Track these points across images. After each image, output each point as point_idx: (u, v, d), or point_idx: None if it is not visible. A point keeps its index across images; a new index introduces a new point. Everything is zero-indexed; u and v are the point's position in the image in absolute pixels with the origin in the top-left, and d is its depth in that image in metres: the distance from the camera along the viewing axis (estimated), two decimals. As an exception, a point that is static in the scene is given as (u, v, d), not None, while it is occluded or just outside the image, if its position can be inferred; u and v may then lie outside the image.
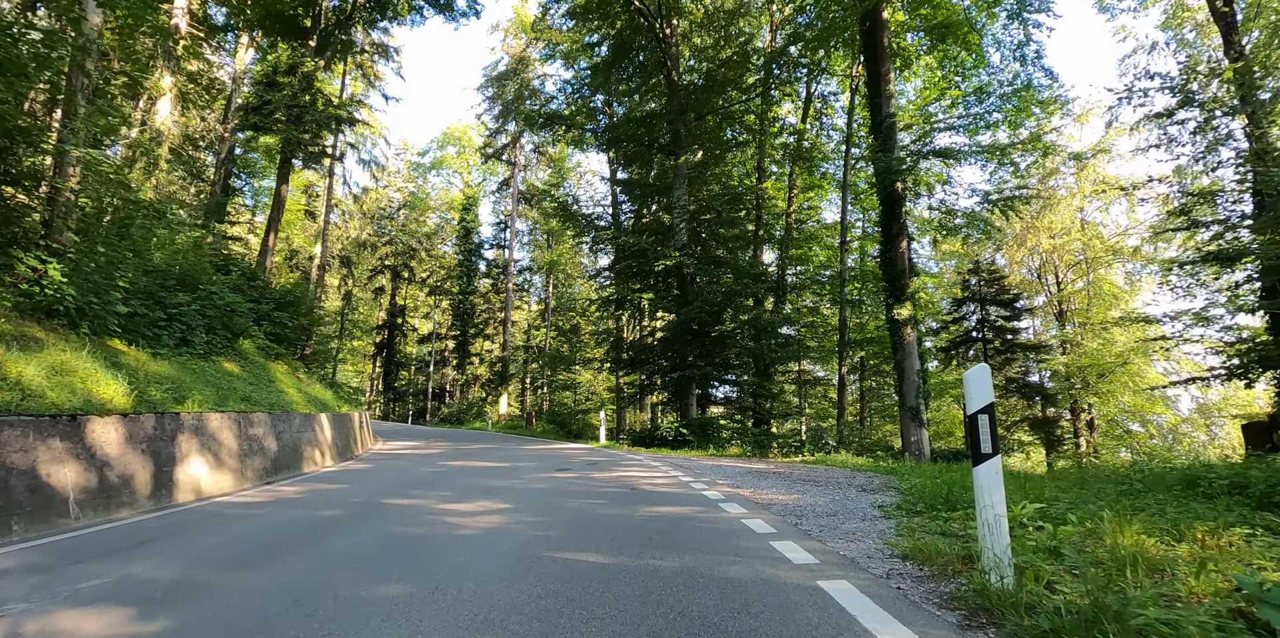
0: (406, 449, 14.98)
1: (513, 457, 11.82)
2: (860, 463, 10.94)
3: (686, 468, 9.21)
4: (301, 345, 20.15)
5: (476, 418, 36.48)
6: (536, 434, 25.95)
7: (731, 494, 6.14)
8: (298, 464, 9.37)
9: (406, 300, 54.38)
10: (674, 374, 17.49)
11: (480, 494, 6.32)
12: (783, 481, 7.52)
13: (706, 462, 10.76)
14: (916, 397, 14.71)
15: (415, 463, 10.81)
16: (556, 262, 42.31)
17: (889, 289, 15.37)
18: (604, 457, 11.89)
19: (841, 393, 19.02)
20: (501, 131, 40.28)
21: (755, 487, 6.79)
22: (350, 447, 12.99)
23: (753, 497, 6.01)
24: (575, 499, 5.81)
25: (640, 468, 9.16)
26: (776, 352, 18.29)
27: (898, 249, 15.38)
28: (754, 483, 7.15)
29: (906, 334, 14.98)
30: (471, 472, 8.89)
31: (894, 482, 7.31)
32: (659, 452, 15.20)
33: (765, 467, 10.00)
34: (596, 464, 9.88)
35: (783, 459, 13.51)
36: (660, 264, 16.75)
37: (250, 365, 12.65)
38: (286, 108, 16.77)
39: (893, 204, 15.62)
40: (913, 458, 14.35)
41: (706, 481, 7.42)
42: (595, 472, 8.47)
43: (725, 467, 9.54)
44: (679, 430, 17.15)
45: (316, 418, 10.83)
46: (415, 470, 9.29)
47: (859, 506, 5.46)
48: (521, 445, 16.33)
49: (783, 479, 7.68)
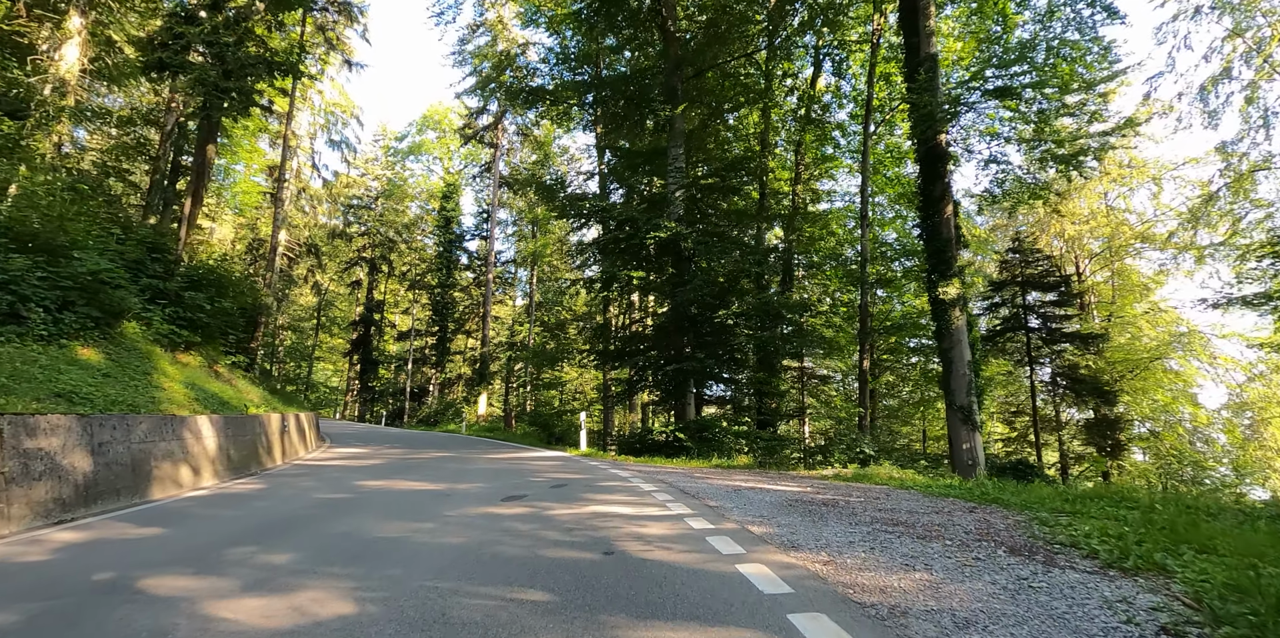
0: (343, 458, 12.16)
1: (460, 473, 9.00)
2: (923, 482, 8.19)
3: (692, 494, 6.42)
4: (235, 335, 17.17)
5: (454, 420, 33.54)
6: (514, 437, 23.08)
7: (797, 575, 3.28)
8: (137, 488, 6.52)
9: (386, 295, 51.29)
10: (669, 368, 14.71)
11: (340, 561, 3.53)
12: (852, 524, 4.74)
13: (717, 481, 7.98)
14: (968, 393, 12.01)
15: (327, 482, 8.01)
16: (542, 253, 39.41)
17: (931, 263, 12.67)
18: (579, 473, 9.08)
19: (864, 390, 16.33)
20: (484, 111, 37.42)
21: (821, 545, 3.97)
22: (258, 458, 10.13)
23: (838, 579, 3.20)
24: (495, 591, 3.01)
25: (626, 496, 6.36)
26: (791, 341, 15.54)
27: (942, 215, 12.67)
28: (811, 533, 4.35)
29: (954, 317, 12.27)
30: (379, 502, 6.08)
31: (1034, 525, 4.54)
32: (651, 462, 12.41)
33: (800, 489, 7.23)
34: (565, 487, 7.06)
35: (806, 472, 10.76)
36: (653, 236, 13.96)
37: (126, 354, 9.75)
38: (206, 44, 13.87)
39: (935, 162, 12.92)
40: (959, 472, 11.66)
41: (733, 526, 4.61)
42: (558, 505, 5.66)
43: (747, 491, 6.75)
44: (675, 435, 14.37)
45: (189, 422, 7.98)
46: (306, 498, 6.48)
47: (1080, 614, 2.66)
48: (485, 453, 13.50)
49: (849, 520, 4.91)
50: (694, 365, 14.36)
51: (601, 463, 11.27)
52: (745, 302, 14.87)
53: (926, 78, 12.27)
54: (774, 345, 15.20)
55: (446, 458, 12.06)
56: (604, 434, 22.99)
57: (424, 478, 8.25)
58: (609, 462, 11.85)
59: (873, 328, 17.52)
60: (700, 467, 11.32)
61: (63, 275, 9.00)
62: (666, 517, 4.96)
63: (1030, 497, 6.17)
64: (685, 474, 8.96)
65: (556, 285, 38.67)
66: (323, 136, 41.32)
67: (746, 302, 15.17)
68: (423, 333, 47.77)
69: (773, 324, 15.99)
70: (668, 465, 11.47)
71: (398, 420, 43.61)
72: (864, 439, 12.74)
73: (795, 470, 10.97)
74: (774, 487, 7.34)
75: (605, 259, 15.54)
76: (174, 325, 12.17)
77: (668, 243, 14.44)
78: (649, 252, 14.82)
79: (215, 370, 13.69)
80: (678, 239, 14.23)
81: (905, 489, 7.53)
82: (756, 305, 14.66)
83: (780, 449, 15.26)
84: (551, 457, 12.89)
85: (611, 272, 14.75)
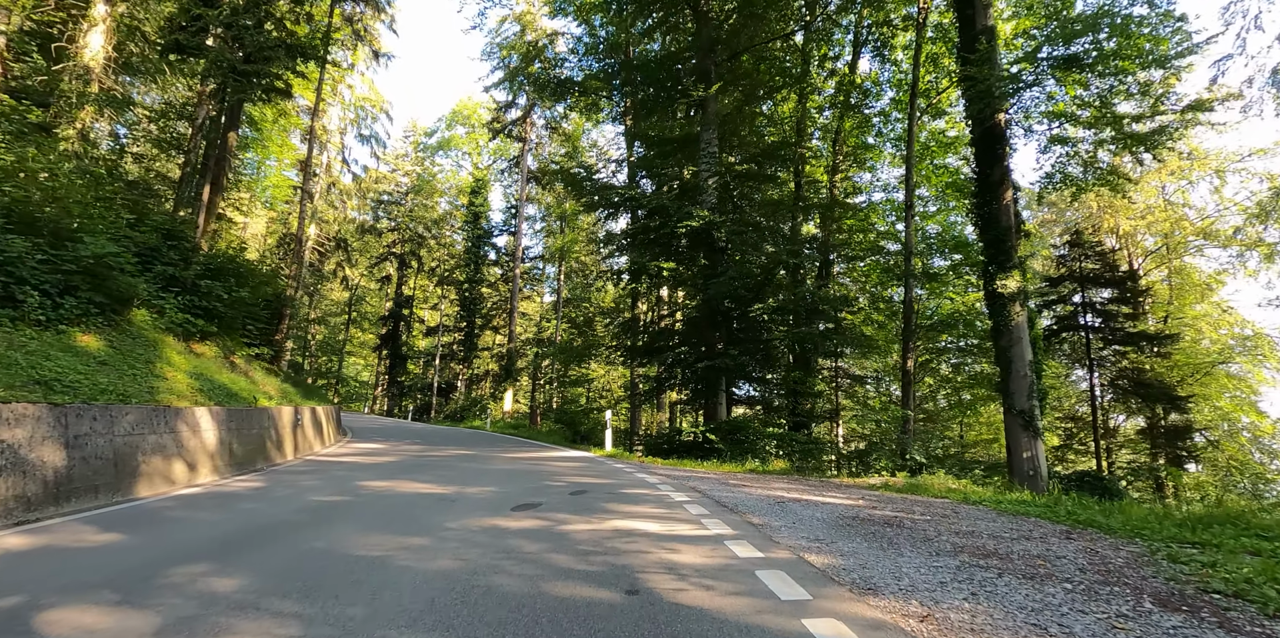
0: (357, 454, 11.63)
1: (473, 475, 8.32)
2: (989, 497, 7.24)
3: (730, 507, 5.61)
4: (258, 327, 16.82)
5: (479, 416, 33.13)
6: (538, 435, 22.47)
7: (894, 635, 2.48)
8: (119, 485, 5.97)
9: (415, 291, 51.27)
10: (700, 365, 13.86)
11: (296, 591, 2.82)
12: (931, 553, 3.88)
13: (755, 489, 7.15)
14: (1029, 397, 10.94)
15: (330, 481, 7.40)
16: (570, 248, 38.79)
17: (989, 254, 11.61)
18: (602, 477, 8.33)
19: (907, 391, 15.26)
20: (512, 105, 36.97)
21: (905, 587, 3.11)
22: (265, 453, 9.61)
23: None
24: None
25: (653, 507, 5.58)
26: (831, 339, 14.54)
27: (1001, 201, 11.61)
28: (887, 567, 3.50)
29: (1014, 313, 11.21)
30: (376, 508, 5.40)
31: (1162, 561, 3.64)
32: (680, 465, 11.61)
33: (851, 501, 6.37)
34: (585, 495, 6.31)
35: (850, 480, 9.84)
36: (684, 226, 13.13)
37: (130, 342, 9.31)
38: (224, 27, 13.46)
39: (993, 143, 11.86)
40: (1021, 482, 10.63)
41: (786, 554, 3.79)
42: (575, 518, 4.89)
43: (792, 504, 5.91)
44: (705, 436, 13.54)
45: (184, 414, 7.43)
46: (299, 500, 5.85)
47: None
48: (505, 452, 12.85)
49: (926, 548, 4.04)
50: (727, 363, 13.50)
51: (627, 465, 10.51)
52: (782, 296, 13.94)
53: (986, 48, 11.22)
54: (813, 342, 14.23)
55: (464, 457, 11.43)
56: (630, 434, 22.27)
57: (433, 479, 7.59)
58: (635, 464, 11.08)
59: (918, 326, 16.41)
60: (733, 472, 10.49)
61: (64, 259, 8.56)
62: (703, 538, 4.16)
63: (1130, 519, 5.22)
64: (718, 481, 8.14)
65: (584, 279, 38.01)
66: (352, 132, 41.39)
67: (783, 296, 14.25)
68: (450, 329, 47.60)
69: (809, 320, 15.05)
70: (698, 470, 10.66)
71: (425, 416, 43.50)
72: (913, 445, 11.73)
73: (838, 478, 10.06)
74: (821, 499, 6.48)
75: (634, 250, 14.73)
76: (189, 315, 11.78)
77: (700, 233, 13.59)
78: (680, 242, 14.01)
79: (232, 361, 13.29)
80: (710, 228, 13.38)
81: (972, 504, 6.62)
82: (794, 299, 13.72)
83: (818, 454, 14.33)
84: (574, 457, 12.18)
85: (641, 263, 13.93)
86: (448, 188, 51.52)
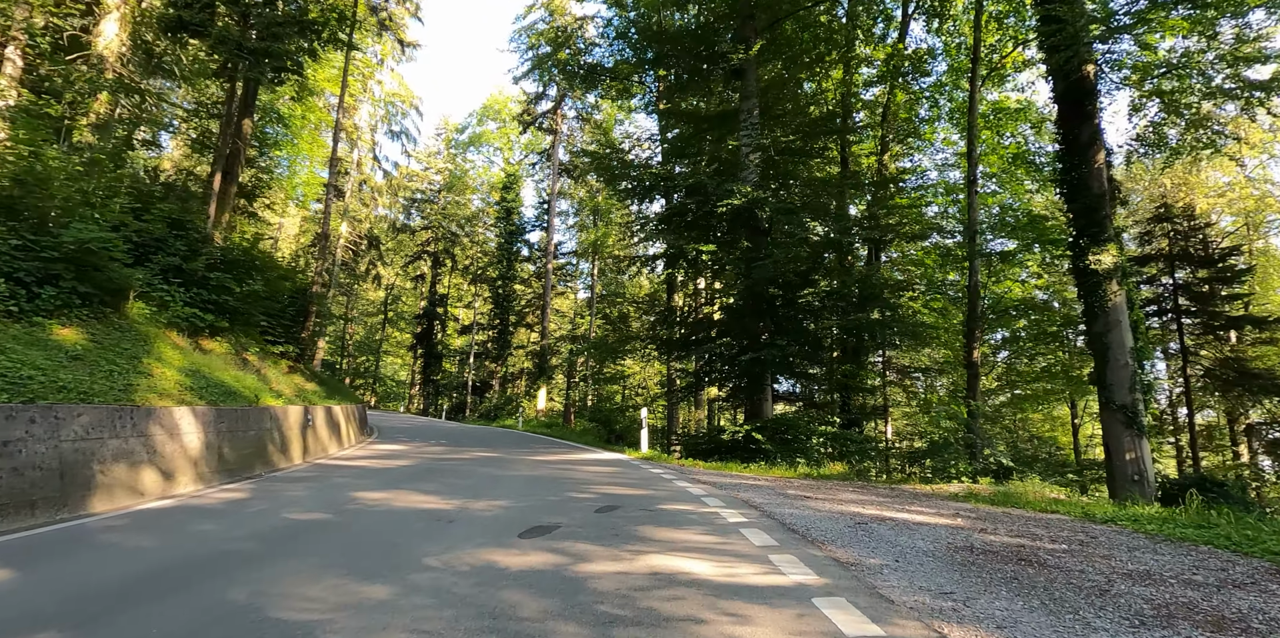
0: (372, 457, 10.73)
1: (488, 483, 7.24)
2: (1125, 515, 5.82)
3: (801, 532, 4.37)
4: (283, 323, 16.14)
5: (512, 415, 32.35)
6: (571, 435, 21.44)
7: None
8: (67, 499, 5.04)
9: (449, 289, 50.95)
10: (744, 358, 12.56)
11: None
12: (1130, 622, 2.59)
13: (821, 503, 5.88)
14: (1131, 390, 9.39)
15: (323, 491, 6.43)
16: (603, 242, 37.70)
17: (1079, 225, 10.05)
18: (637, 486, 7.16)
19: (973, 385, 13.68)
20: (542, 97, 36.05)
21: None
22: (266, 456, 8.72)
23: None
24: None
25: (701, 534, 4.36)
26: (890, 327, 13.08)
27: (1091, 164, 10.04)
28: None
29: (1111, 292, 9.65)
30: (352, 533, 4.33)
31: None
32: (725, 469, 10.37)
33: (950, 521, 5.06)
34: (615, 513, 5.13)
35: (923, 487, 8.47)
36: (725, 204, 11.85)
37: (117, 336, 8.49)
38: (228, 4, 12.70)
39: (1081, 99, 10.28)
40: (1119, 489, 9.10)
41: (914, 627, 2.54)
42: (598, 552, 3.70)
43: (877, 527, 4.63)
44: (750, 435, 12.24)
45: (159, 415, 6.52)
46: (267, 520, 4.83)
47: None
48: (532, 454, 11.79)
49: (1112, 607, 2.75)
50: (774, 354, 12.16)
51: (665, 470, 9.32)
52: (834, 280, 12.54)
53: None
54: (870, 331, 12.80)
55: (486, 460, 10.40)
56: (667, 432, 21.07)
57: (440, 489, 6.52)
58: (674, 469, 9.89)
59: (984, 312, 14.77)
60: (786, 477, 9.21)
61: (43, 245, 7.78)
62: (779, 592, 2.93)
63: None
64: (773, 490, 6.89)
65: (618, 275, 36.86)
66: (383, 128, 41.08)
67: (834, 281, 12.85)
68: (484, 327, 47.07)
69: (863, 307, 13.61)
70: (745, 475, 9.41)
71: (459, 415, 43.06)
72: (997, 446, 10.26)
73: (909, 485, 8.68)
74: (907, 516, 5.19)
75: (670, 234, 13.48)
76: (197, 309, 11.02)
77: (741, 212, 12.29)
78: (720, 223, 12.73)
79: (244, 358, 12.54)
80: (754, 207, 12.06)
81: (1101, 523, 5.24)
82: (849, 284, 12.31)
83: (874, 455, 12.93)
84: (607, 461, 11.04)
85: (678, 246, 12.67)
86: (480, 184, 51.05)
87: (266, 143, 26.92)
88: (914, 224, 15.80)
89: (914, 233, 14.90)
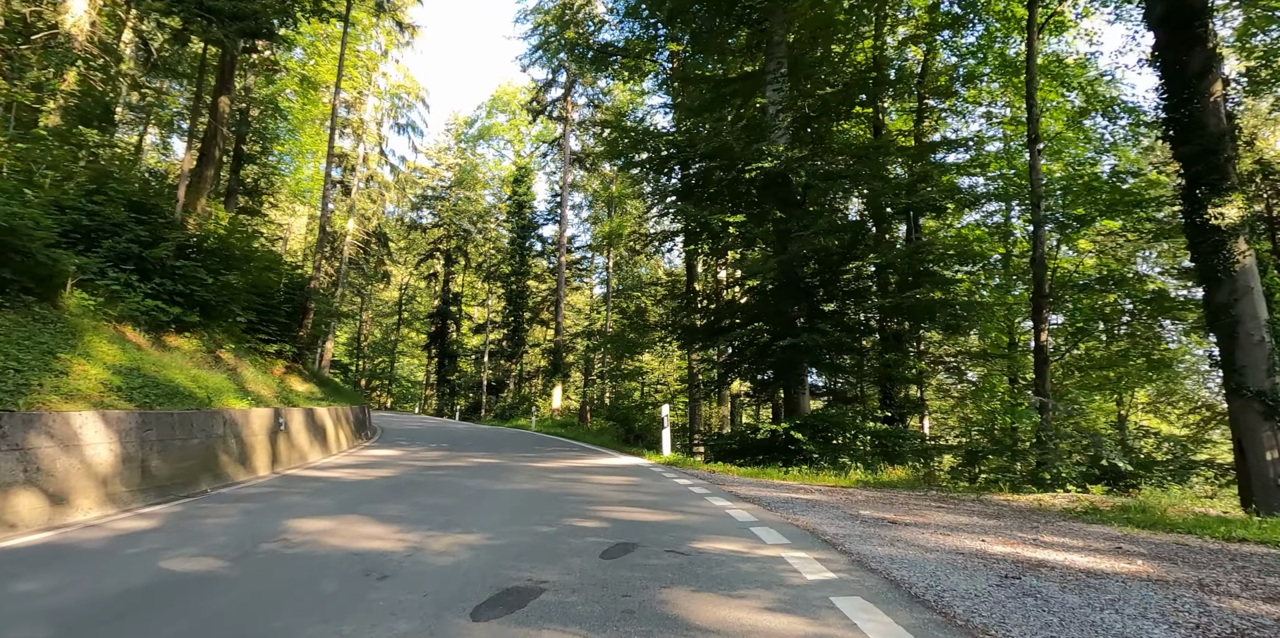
0: (355, 466, 9.27)
1: (467, 505, 5.71)
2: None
3: (922, 597, 2.76)
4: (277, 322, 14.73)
5: (526, 414, 30.94)
6: (586, 435, 19.91)
7: None
8: None
9: (463, 288, 49.79)
10: (779, 344, 10.90)
11: None
12: None
13: (921, 532, 4.25)
14: (1269, 371, 7.59)
15: (259, 517, 4.97)
16: (618, 233, 36.11)
17: (1193, 173, 8.25)
18: (659, 509, 5.57)
19: (1042, 373, 11.86)
20: (552, 84, 34.56)
21: None
22: (217, 468, 7.26)
23: None
24: None
25: (770, 607, 2.75)
26: (951, 307, 11.31)
27: (1205, 98, 8.23)
28: None
29: (1238, 253, 7.84)
30: (236, 594, 2.79)
31: None
32: (763, 475, 8.76)
33: (1129, 566, 3.41)
34: (627, 558, 3.53)
35: (1017, 497, 6.77)
36: (755, 167, 10.20)
37: (36, 328, 7.09)
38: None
39: (1189, 19, 8.46)
40: (1259, 496, 7.32)
41: None
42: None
43: (1031, 580, 3.00)
44: (788, 434, 10.59)
45: (46, 422, 5.07)
46: (135, 570, 3.33)
47: None
48: (537, 460, 10.26)
49: None
50: (814, 340, 10.47)
51: (693, 481, 7.71)
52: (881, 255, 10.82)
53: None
54: (925, 313, 11.05)
55: (482, 468, 8.90)
56: (689, 431, 19.45)
57: (405, 514, 5.00)
58: (703, 477, 8.28)
59: (1054, 287, 12.88)
60: (842, 487, 7.56)
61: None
62: None
63: None
64: (841, 510, 5.26)
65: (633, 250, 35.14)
66: (389, 122, 39.85)
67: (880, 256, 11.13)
68: (498, 325, 45.81)
69: (913, 285, 11.86)
70: (790, 484, 7.78)
71: (475, 415, 41.82)
72: (1110, 447, 8.49)
73: (998, 495, 6.98)
74: (1062, 557, 3.54)
75: (690, 206, 11.82)
76: (161, 301, 9.67)
77: (773, 178, 10.62)
78: (749, 191, 11.07)
79: (217, 356, 11.15)
80: (788, 171, 10.38)
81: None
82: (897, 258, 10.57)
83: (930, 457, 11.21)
84: (622, 468, 9.46)
85: (701, 218, 10.98)
86: (490, 179, 49.77)
87: (268, 138, 25.73)
88: (958, 193, 14.00)
89: (965, 201, 13.08)
